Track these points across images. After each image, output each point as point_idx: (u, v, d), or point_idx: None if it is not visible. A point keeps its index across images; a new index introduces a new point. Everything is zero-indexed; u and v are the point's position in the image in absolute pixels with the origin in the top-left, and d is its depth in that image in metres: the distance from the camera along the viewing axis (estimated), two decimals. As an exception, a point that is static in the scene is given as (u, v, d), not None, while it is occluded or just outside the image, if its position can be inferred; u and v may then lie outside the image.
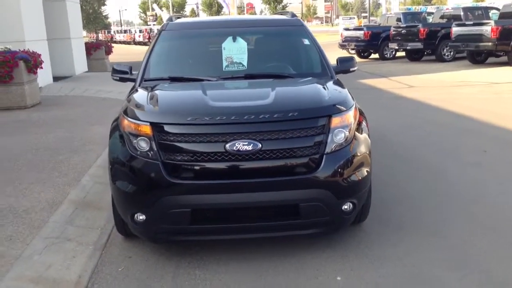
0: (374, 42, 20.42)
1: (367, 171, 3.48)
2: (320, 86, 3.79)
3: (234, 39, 4.46)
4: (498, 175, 5.17)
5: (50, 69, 12.94)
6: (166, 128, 3.24)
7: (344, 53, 21.37)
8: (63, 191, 4.67)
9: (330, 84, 3.95)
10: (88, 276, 3.28)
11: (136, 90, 4.02)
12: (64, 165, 5.56)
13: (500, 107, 8.80)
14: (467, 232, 3.84)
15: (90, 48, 17.38)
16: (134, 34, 58.73)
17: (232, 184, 3.18)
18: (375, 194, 4.09)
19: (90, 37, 62.82)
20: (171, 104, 3.58)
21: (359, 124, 3.57)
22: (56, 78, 13.69)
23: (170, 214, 3.21)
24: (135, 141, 3.30)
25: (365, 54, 21.69)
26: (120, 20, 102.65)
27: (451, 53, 17.86)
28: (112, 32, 72.13)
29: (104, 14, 74.54)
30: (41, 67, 10.25)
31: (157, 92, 3.73)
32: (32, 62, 9.74)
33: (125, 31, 67.04)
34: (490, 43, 14.84)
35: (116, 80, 4.55)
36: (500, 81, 12.09)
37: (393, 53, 20.60)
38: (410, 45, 18.35)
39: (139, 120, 3.34)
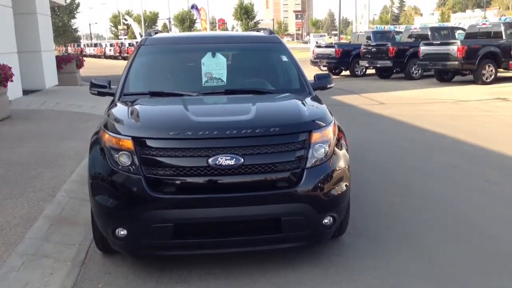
0: (345, 60, 20.83)
1: (346, 185, 3.56)
2: (299, 102, 3.86)
3: (214, 55, 4.51)
4: (469, 189, 5.34)
5: (20, 82, 12.68)
6: (148, 142, 3.24)
7: (316, 70, 21.68)
8: (38, 207, 4.58)
9: (308, 100, 4.03)
10: (67, 293, 3.22)
11: (116, 105, 4.00)
12: (38, 180, 5.46)
13: (468, 124, 9.10)
14: (441, 244, 3.95)
15: (61, 61, 17.11)
16: (105, 48, 58.15)
17: (215, 199, 3.20)
18: (352, 207, 4.17)
19: (59, 50, 61.91)
20: (153, 119, 3.59)
21: (338, 140, 3.65)
22: (25, 92, 13.42)
23: (152, 229, 3.20)
24: (116, 155, 3.28)
25: (336, 71, 22.07)
26: (90, 33, 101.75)
27: (419, 71, 18.38)
28: (82, 46, 71.26)
29: (74, 27, 73.82)
30: (11, 80, 10.04)
31: (138, 106, 3.73)
32: (3, 75, 9.55)
33: (96, 45, 66.37)
34: (456, 62, 15.35)
35: (94, 94, 4.52)
36: (467, 99, 12.51)
37: (364, 70, 21.04)
38: (380, 63, 18.79)
39: (120, 134, 3.33)
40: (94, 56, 59.63)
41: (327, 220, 3.43)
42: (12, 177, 5.57)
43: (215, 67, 4.42)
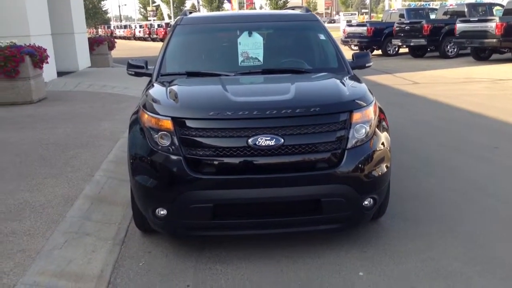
0: (377, 38, 20.42)
1: (386, 166, 3.48)
2: (338, 81, 3.78)
3: (250, 34, 4.45)
4: (510, 170, 5.17)
5: (54, 64, 12.89)
6: (188, 123, 3.23)
7: (346, 49, 21.37)
8: (78, 186, 4.66)
9: (347, 79, 3.95)
10: (110, 270, 3.28)
11: (153, 85, 4.00)
12: (76, 160, 5.56)
13: (508, 104, 8.80)
14: (484, 226, 3.85)
15: (93, 43, 17.30)
16: (134, 29, 58.58)
17: (254, 179, 3.18)
18: (391, 189, 4.09)
19: (90, 32, 62.64)
20: (192, 99, 3.57)
21: (379, 120, 3.57)
22: (60, 73, 13.65)
23: (192, 209, 3.21)
24: (156, 135, 3.29)
25: (368, 50, 21.63)
26: (120, 15, 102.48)
27: (455, 50, 17.87)
28: (112, 28, 71.89)
29: (103, 9, 74.38)
30: (47, 62, 10.21)
31: (176, 86, 3.72)
32: (38, 56, 9.70)
33: (125, 27, 66.88)
34: (494, 40, 14.85)
35: (131, 74, 4.54)
36: (506, 78, 12.09)
37: (396, 49, 20.59)
38: (414, 42, 18.35)
39: (159, 114, 3.33)
40: (124, 38, 60.19)
41: (367, 202, 3.37)
42: (51, 157, 5.68)
43: (251, 46, 4.36)
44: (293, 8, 5.58)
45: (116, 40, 20.81)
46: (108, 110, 8.91)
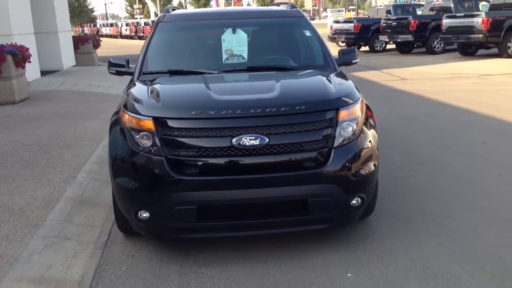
0: (364, 35, 20.41)
1: (374, 165, 3.42)
2: (324, 79, 3.71)
3: (234, 31, 4.36)
4: (498, 165, 5.15)
5: (37, 63, 12.67)
6: (170, 122, 3.13)
7: (333, 46, 21.35)
8: (59, 188, 4.54)
9: (334, 76, 3.88)
10: (91, 276, 3.18)
11: (135, 84, 3.90)
12: (58, 161, 5.43)
13: (495, 99, 8.81)
14: (472, 223, 3.81)
15: (78, 42, 17.06)
16: (120, 27, 57.99)
17: (239, 180, 3.09)
18: (379, 186, 4.03)
19: (76, 31, 62.03)
20: (174, 98, 3.47)
21: (366, 118, 3.50)
22: (44, 73, 13.43)
23: (175, 211, 3.11)
24: (137, 136, 3.19)
25: (355, 46, 21.62)
26: (106, 13, 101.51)
27: (442, 45, 17.90)
28: (98, 26, 71.21)
29: (89, 7, 73.75)
30: (29, 61, 10.02)
31: (157, 85, 3.62)
32: (20, 56, 9.51)
33: (111, 25, 66.21)
34: (481, 35, 14.88)
35: (112, 73, 4.42)
36: (493, 73, 12.12)
37: (383, 45, 20.61)
38: (401, 38, 18.35)
39: (140, 114, 3.23)
40: (110, 36, 59.58)
41: (355, 201, 3.30)
42: (32, 159, 5.55)
43: (235, 43, 4.27)
44: (278, 4, 5.49)
45: (102, 38, 20.58)
46: (92, 109, 8.76)
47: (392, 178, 4.81)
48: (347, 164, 3.21)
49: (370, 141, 3.41)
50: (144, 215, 3.21)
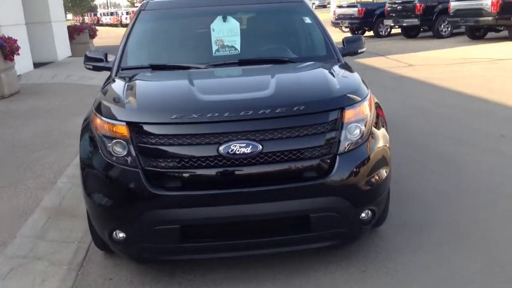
0: (368, 19, 19.76)
1: (386, 171, 2.96)
2: (327, 72, 3.23)
3: (225, 19, 3.88)
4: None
5: (29, 55, 12.18)
6: (146, 128, 2.68)
7: (337, 32, 20.74)
8: (36, 197, 4.12)
9: (338, 69, 3.40)
10: (60, 307, 2.76)
11: (113, 81, 3.44)
12: (39, 164, 5.00)
13: (509, 85, 8.27)
14: (496, 231, 3.35)
15: (73, 32, 16.54)
16: (121, 16, 57.31)
17: (228, 195, 2.64)
18: (390, 191, 3.57)
19: (77, 20, 61.40)
20: (152, 99, 2.99)
21: (376, 117, 3.03)
22: (37, 65, 12.95)
23: (155, 232, 2.67)
24: (109, 144, 2.73)
25: (359, 32, 21.00)
26: (107, 2, 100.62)
27: (449, 29, 17.27)
28: (98, 15, 70.46)
29: (90, -4, 72.93)
30: (18, 54, 9.54)
31: (135, 83, 3.15)
32: (8, 48, 9.06)
33: (112, 14, 65.47)
34: (490, 18, 14.25)
35: (89, 69, 3.97)
36: (504, 57, 11.54)
37: (388, 30, 19.96)
38: (406, 22, 17.71)
39: (113, 119, 2.77)
40: (111, 25, 58.92)
41: (364, 215, 2.85)
42: (12, 161, 5.13)
43: (226, 33, 3.79)
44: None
45: (103, 27, 20.06)
46: (84, 103, 8.26)
47: (405, 180, 4.34)
48: (354, 173, 2.74)
49: (381, 144, 2.94)
50: (120, 235, 2.77)
